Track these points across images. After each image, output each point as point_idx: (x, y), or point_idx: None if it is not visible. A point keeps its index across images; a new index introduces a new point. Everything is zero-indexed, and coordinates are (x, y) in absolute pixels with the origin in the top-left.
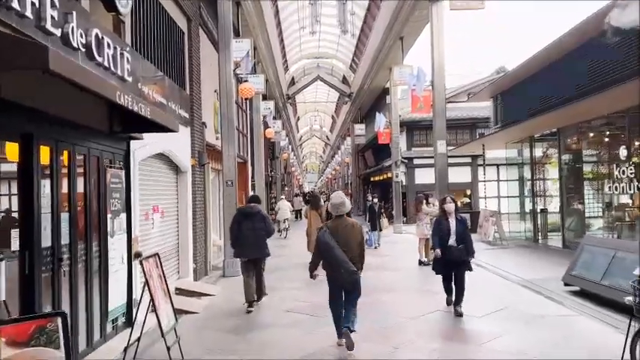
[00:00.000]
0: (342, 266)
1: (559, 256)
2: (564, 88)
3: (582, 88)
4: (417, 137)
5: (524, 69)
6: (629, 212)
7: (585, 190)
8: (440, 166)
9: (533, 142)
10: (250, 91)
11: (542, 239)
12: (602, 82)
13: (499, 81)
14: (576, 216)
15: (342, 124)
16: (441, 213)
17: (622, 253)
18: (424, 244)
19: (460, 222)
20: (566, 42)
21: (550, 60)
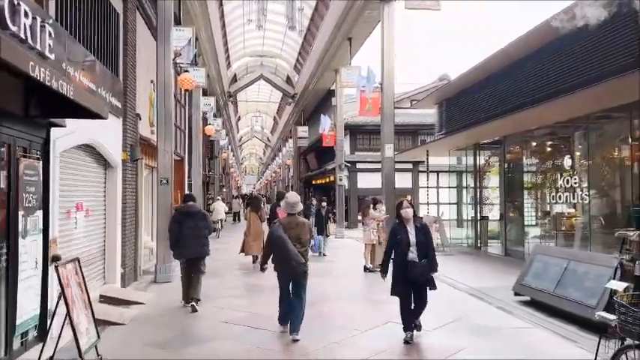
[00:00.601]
0: (293, 259)
1: (502, 263)
2: (508, 97)
3: (526, 98)
4: (361, 141)
5: (469, 77)
6: (567, 221)
7: (526, 199)
8: (387, 170)
9: (477, 150)
10: (190, 82)
11: (484, 246)
12: (547, 92)
13: (444, 88)
14: (516, 224)
15: (285, 126)
16: (397, 220)
17: (575, 263)
18: (370, 249)
19: (421, 230)
20: (510, 52)
21: (494, 69)
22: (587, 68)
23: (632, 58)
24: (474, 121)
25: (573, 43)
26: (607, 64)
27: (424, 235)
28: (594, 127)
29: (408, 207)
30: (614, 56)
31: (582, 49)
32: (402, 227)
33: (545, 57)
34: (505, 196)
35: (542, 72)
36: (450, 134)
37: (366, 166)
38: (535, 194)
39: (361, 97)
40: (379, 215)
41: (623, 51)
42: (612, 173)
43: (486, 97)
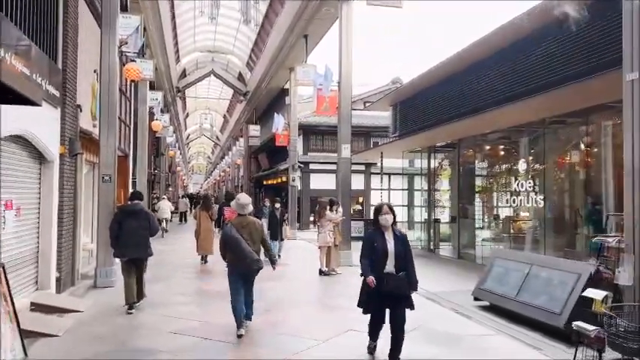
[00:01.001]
0: (248, 257)
1: (456, 266)
2: (463, 100)
3: (480, 102)
4: (314, 142)
5: (424, 80)
6: (519, 224)
7: (479, 202)
8: (343, 171)
9: (432, 153)
10: (137, 72)
11: (436, 249)
12: (502, 97)
13: (400, 90)
14: (469, 227)
15: (235, 124)
16: (373, 227)
17: (537, 268)
18: (326, 252)
19: (399, 239)
20: (465, 56)
21: (449, 73)
22: (544, 73)
23: (591, 64)
24: (429, 123)
25: (530, 49)
26: (564, 70)
27: (403, 245)
28: (548, 132)
29: (388, 213)
30: (573, 62)
31: (539, 55)
32: (379, 235)
33: (501, 61)
34: (459, 198)
35: (498, 76)
36: (404, 136)
37: (319, 166)
38: (488, 197)
39: (318, 96)
40: (336, 217)
41: (580, 57)
42: (565, 178)
43: (441, 101)
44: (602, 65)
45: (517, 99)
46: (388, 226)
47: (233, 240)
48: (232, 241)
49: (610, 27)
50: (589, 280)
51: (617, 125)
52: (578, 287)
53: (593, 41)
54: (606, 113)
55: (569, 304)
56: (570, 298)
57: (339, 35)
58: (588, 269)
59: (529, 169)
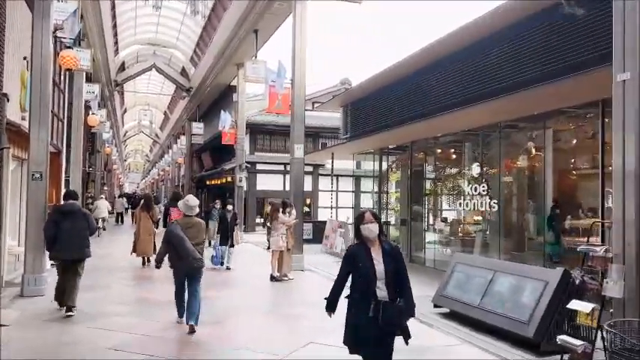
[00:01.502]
0: (191, 256)
1: (411, 270)
2: (416, 103)
3: (433, 105)
4: (261, 141)
5: (377, 81)
6: (470, 228)
7: (430, 205)
8: (296, 171)
9: (383, 155)
10: (74, 60)
11: None
12: (452, 101)
13: (351, 91)
14: (420, 230)
15: (177, 122)
16: (356, 241)
17: (502, 275)
18: (278, 257)
19: (390, 255)
20: (418, 59)
21: (402, 75)
22: (499, 77)
23: (549, 68)
24: (380, 125)
25: (485, 52)
26: (520, 74)
27: (395, 261)
28: (500, 136)
29: (372, 221)
30: (530, 65)
31: (493, 59)
32: (363, 251)
33: (454, 65)
34: (409, 201)
35: (450, 80)
36: (355, 138)
37: (266, 167)
38: (438, 200)
39: (270, 93)
40: (289, 220)
41: (538, 61)
42: (515, 182)
43: (394, 103)
44: (558, 71)
45: (469, 103)
46: (374, 239)
47: (177, 238)
48: (176, 240)
49: (569, 32)
50: (558, 288)
51: (571, 130)
52: (546, 295)
53: (551, 46)
54: (560, 118)
55: (537, 312)
56: (538, 306)
57: (292, 32)
58: (556, 276)
59: (481, 173)
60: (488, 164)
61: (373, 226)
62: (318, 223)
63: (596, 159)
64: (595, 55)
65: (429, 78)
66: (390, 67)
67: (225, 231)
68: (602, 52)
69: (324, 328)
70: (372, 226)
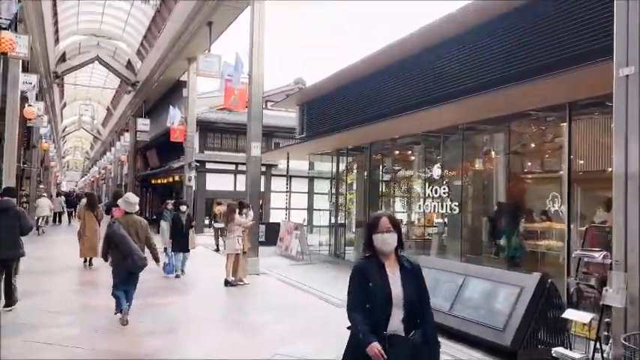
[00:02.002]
0: (134, 254)
1: None
2: (375, 103)
3: (392, 106)
4: (211, 139)
5: (334, 81)
6: (427, 230)
7: (388, 206)
8: (253, 171)
9: (340, 155)
10: (10, 43)
11: (342, 254)
12: (416, 101)
13: (308, 90)
14: None
15: (121, 118)
16: (365, 254)
17: (474, 280)
18: (233, 260)
19: (410, 274)
20: (375, 61)
21: (360, 75)
22: (461, 78)
23: (510, 71)
24: (338, 126)
25: (444, 54)
26: (481, 77)
27: (417, 283)
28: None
29: (390, 230)
30: (490, 68)
31: (454, 61)
32: (375, 268)
33: (415, 66)
34: (369, 202)
35: (413, 80)
36: (312, 138)
37: (216, 166)
38: (397, 202)
39: (227, 88)
40: (245, 221)
41: (497, 63)
42: (478, 184)
43: (352, 103)
44: (519, 74)
45: (429, 104)
46: (390, 253)
47: (119, 237)
48: (118, 239)
49: (524, 35)
50: (536, 294)
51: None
52: (522, 301)
53: (512, 50)
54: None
55: (513, 319)
56: (514, 313)
57: (250, 24)
58: (532, 282)
59: (441, 175)
60: (449, 166)
61: (390, 236)
62: (271, 225)
63: (553, 163)
64: (562, 57)
65: (389, 79)
66: (349, 66)
67: (179, 235)
68: (569, 54)
69: (288, 338)
70: (388, 236)
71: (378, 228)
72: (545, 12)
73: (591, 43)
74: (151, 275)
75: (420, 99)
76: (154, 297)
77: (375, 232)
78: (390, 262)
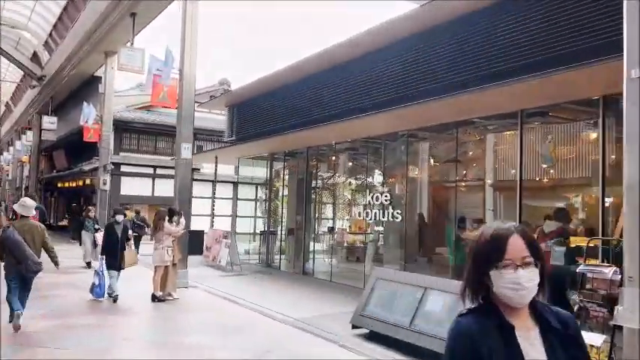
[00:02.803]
0: (29, 259)
1: (307, 284)
2: (311, 108)
3: (328, 111)
4: (128, 140)
5: (267, 83)
6: (354, 238)
7: (318, 213)
8: (182, 174)
9: (274, 160)
10: None
11: (273, 263)
12: (350, 107)
13: (238, 91)
14: (307, 240)
15: (23, 115)
16: (471, 304)
17: (434, 292)
18: (162, 273)
19: (562, 337)
20: (314, 63)
21: (296, 79)
22: (403, 85)
23: (444, 82)
24: (274, 128)
25: (379, 62)
26: (422, 84)
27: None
28: (406, 144)
29: (527, 262)
30: (432, 75)
31: (396, 67)
32: (496, 333)
33: (353, 71)
34: (305, 210)
35: (351, 86)
36: (243, 141)
37: (132, 169)
38: (328, 209)
39: (155, 83)
40: (177, 230)
41: (441, 70)
42: (417, 191)
43: (289, 106)
44: (455, 85)
45: (368, 111)
46: (525, 303)
47: (13, 242)
48: (13, 244)
49: (466, 44)
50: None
51: (477, 141)
52: None
53: (454, 58)
54: (469, 129)
55: None
56: None
57: (182, 15)
58: None
59: (381, 182)
60: (390, 173)
61: (529, 274)
62: (195, 233)
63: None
64: (515, 65)
65: (326, 84)
66: (286, 68)
67: (114, 250)
68: (522, 62)
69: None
70: (526, 274)
71: (502, 257)
72: (492, 21)
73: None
74: (69, 292)
75: (357, 105)
76: (72, 317)
77: (498, 264)
78: (520, 318)
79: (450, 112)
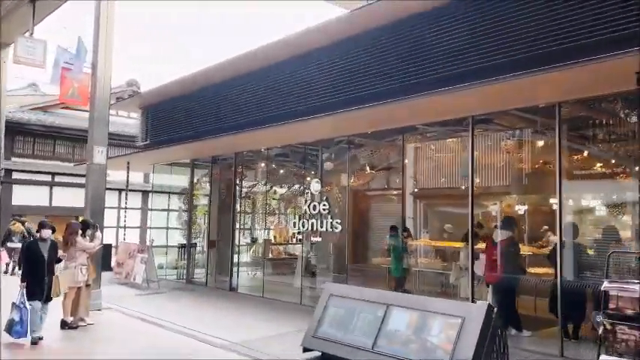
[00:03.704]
0: None
1: (237, 301)
2: (237, 112)
3: (255, 116)
4: (22, 144)
5: (185, 84)
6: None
7: (243, 224)
8: (96, 182)
9: (195, 167)
10: None
11: (196, 279)
12: (279, 113)
13: (154, 92)
14: (230, 253)
15: None
16: None
17: (397, 309)
18: (73, 296)
19: None
20: (230, 69)
21: (216, 81)
22: (335, 91)
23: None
24: (192, 133)
25: (312, 64)
26: (359, 89)
27: None
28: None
29: None
30: (367, 81)
31: (325, 71)
32: None
33: (285, 73)
34: (233, 220)
35: (281, 89)
36: (158, 146)
37: (26, 176)
38: (253, 219)
39: (63, 78)
40: (92, 245)
41: (375, 77)
42: (349, 200)
43: (209, 110)
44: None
45: (295, 117)
46: None
47: None
48: None
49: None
50: (485, 326)
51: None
52: (467, 333)
53: (389, 64)
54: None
55: (459, 354)
56: (458, 347)
57: (95, 5)
58: (478, 312)
59: (310, 190)
60: (325, 181)
61: None
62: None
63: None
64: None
65: (253, 86)
66: (211, 67)
67: (39, 274)
68: (458, 70)
69: None
70: None
71: None
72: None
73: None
74: None
75: (291, 109)
76: None
77: None
78: None
79: (384, 119)
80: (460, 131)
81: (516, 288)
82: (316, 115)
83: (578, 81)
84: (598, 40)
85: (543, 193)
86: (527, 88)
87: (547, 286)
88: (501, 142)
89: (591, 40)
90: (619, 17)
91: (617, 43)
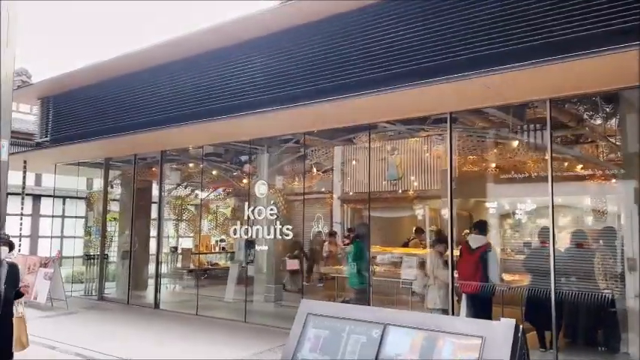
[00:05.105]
0: None
1: (170, 322)
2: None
3: (177, 111)
4: None
5: (96, 72)
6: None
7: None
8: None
9: (110, 168)
10: None
11: (109, 295)
12: (204, 108)
13: (58, 79)
14: (148, 264)
15: None
16: None
17: (396, 329)
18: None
19: None
20: (161, 52)
21: (136, 69)
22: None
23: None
24: (106, 128)
25: (252, 54)
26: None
27: None
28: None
29: None
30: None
31: (257, 63)
32: None
33: (216, 63)
34: (159, 227)
35: (211, 82)
36: (62, 143)
37: None
38: (177, 226)
39: None
40: None
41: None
42: (294, 204)
43: (131, 101)
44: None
45: (222, 114)
46: None
47: None
48: None
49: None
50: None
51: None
52: (491, 356)
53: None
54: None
55: None
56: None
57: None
58: (502, 330)
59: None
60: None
61: None
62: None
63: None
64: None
65: (174, 78)
66: (130, 54)
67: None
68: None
69: None
70: None
71: None
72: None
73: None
74: None
75: (225, 103)
76: None
77: None
78: None
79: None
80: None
81: (492, 298)
82: (250, 112)
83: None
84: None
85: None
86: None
87: (518, 294)
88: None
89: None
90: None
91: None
